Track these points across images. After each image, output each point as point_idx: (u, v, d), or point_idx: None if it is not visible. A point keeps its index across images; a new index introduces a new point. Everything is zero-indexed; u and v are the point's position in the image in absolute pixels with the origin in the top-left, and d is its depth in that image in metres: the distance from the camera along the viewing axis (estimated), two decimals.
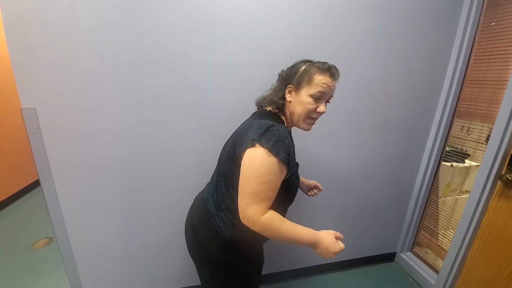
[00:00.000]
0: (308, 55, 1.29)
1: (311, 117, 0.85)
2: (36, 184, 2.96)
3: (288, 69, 0.89)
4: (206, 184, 1.05)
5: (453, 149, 1.71)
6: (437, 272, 1.68)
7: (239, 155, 0.78)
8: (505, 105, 1.20)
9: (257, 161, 0.73)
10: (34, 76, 1.03)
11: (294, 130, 0.95)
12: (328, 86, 0.80)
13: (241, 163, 0.77)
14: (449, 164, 1.73)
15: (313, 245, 0.79)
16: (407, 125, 1.59)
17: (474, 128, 1.54)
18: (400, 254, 1.94)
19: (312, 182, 1.18)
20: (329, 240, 0.78)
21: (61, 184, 1.18)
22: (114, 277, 1.41)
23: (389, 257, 1.97)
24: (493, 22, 1.37)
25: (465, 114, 1.57)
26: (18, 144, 2.66)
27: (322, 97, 0.82)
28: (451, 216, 1.69)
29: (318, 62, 0.84)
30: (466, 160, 1.74)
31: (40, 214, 2.46)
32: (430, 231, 1.82)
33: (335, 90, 0.85)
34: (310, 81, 0.80)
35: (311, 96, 0.81)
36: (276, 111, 0.89)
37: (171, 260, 1.47)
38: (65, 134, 1.13)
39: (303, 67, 0.83)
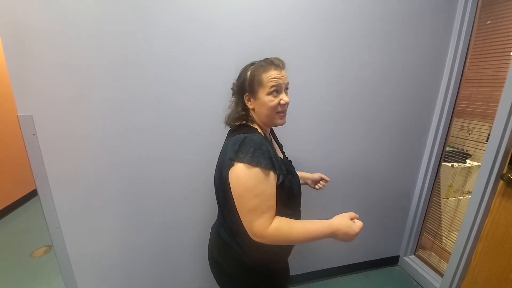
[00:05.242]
0: (304, 56, 1.30)
1: (278, 111, 0.84)
2: (35, 192, 2.96)
3: (236, 80, 0.88)
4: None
5: (454, 149, 1.70)
6: (441, 275, 1.64)
7: (226, 178, 0.78)
8: (503, 103, 1.18)
9: (241, 177, 0.73)
10: (31, 83, 1.04)
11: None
12: (279, 77, 0.80)
13: (230, 185, 0.76)
14: (450, 164, 1.71)
15: (331, 234, 0.76)
16: (406, 125, 1.58)
17: (474, 128, 1.53)
18: (404, 258, 1.91)
19: (317, 175, 1.16)
20: (344, 224, 0.75)
21: (57, 190, 1.18)
22: (112, 284, 1.39)
23: (393, 260, 1.94)
24: (488, 20, 1.37)
25: (464, 114, 1.55)
26: (18, 153, 2.67)
27: (279, 89, 0.81)
28: (454, 218, 1.67)
29: (260, 61, 0.84)
30: (467, 160, 1.72)
31: (40, 222, 2.45)
32: (433, 234, 1.79)
33: (288, 76, 0.84)
34: (260, 82, 0.80)
35: (269, 94, 0.80)
36: (244, 122, 0.87)
37: (169, 265, 1.45)
38: (62, 140, 1.13)
39: (249, 72, 0.82)
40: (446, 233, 1.72)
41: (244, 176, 0.72)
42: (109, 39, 1.07)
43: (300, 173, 1.16)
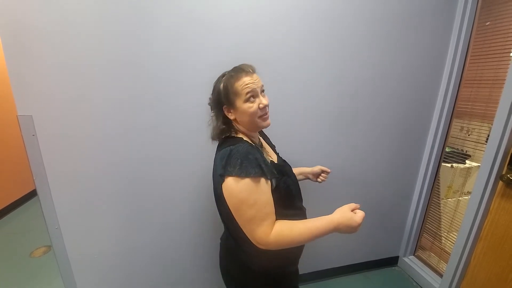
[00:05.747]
0: (304, 56, 1.30)
1: (260, 115, 0.83)
2: (35, 192, 2.96)
3: (212, 95, 0.89)
4: None
5: (453, 150, 1.70)
6: (440, 275, 1.65)
7: (221, 193, 0.78)
8: (503, 104, 1.18)
9: (233, 191, 0.74)
10: (31, 83, 1.04)
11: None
12: (252, 83, 0.80)
13: (225, 200, 0.77)
14: (449, 165, 1.71)
15: (334, 229, 0.76)
16: (406, 126, 1.58)
17: (474, 128, 1.53)
18: (403, 258, 1.91)
19: (317, 168, 1.15)
20: (346, 217, 0.76)
21: (57, 190, 1.18)
22: (112, 284, 1.39)
23: (392, 261, 1.94)
24: (488, 21, 1.37)
25: (464, 114, 1.56)
26: (17, 153, 2.67)
27: (255, 94, 0.81)
28: (453, 218, 1.67)
29: (229, 71, 0.84)
30: (466, 161, 1.72)
31: (39, 222, 2.44)
32: (432, 234, 1.80)
33: (261, 79, 0.84)
34: (236, 92, 0.80)
35: (246, 101, 0.80)
36: (228, 134, 0.87)
37: (169, 265, 1.45)
38: (62, 140, 1.13)
39: (221, 85, 0.83)
40: (445, 233, 1.72)
41: (236, 189, 0.73)
42: (109, 39, 1.07)
43: (299, 169, 1.16)
